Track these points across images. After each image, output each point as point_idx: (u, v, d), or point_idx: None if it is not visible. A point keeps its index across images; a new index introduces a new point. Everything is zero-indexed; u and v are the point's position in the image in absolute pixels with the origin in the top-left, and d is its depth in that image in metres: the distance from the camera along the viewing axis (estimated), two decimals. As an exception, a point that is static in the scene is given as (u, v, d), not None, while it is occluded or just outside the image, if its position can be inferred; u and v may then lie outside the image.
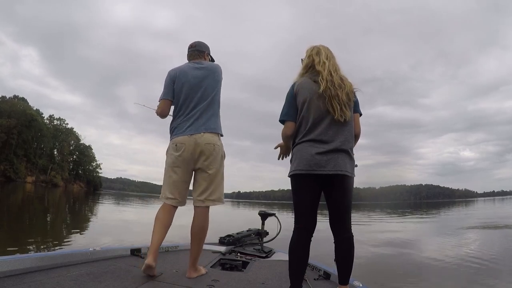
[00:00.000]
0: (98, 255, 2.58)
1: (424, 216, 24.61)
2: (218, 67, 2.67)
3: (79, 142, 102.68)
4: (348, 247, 2.01)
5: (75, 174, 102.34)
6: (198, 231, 2.42)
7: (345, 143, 2.00)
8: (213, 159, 2.45)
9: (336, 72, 2.10)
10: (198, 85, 2.54)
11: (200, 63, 2.65)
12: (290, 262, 2.00)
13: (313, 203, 2.05)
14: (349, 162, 2.01)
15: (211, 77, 2.58)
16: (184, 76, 2.58)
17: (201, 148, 2.42)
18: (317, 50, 2.18)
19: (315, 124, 2.03)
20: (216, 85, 2.60)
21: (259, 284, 2.39)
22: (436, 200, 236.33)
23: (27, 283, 1.82)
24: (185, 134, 2.46)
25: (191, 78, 2.55)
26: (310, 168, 1.97)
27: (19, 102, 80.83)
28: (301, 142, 2.06)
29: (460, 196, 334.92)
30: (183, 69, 2.62)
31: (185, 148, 2.43)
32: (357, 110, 2.17)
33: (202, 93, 2.53)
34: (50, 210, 16.69)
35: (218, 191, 2.50)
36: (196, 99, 2.52)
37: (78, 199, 34.14)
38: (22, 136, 72.00)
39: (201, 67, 2.61)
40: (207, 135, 2.44)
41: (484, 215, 22.02)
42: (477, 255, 6.65)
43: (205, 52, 2.77)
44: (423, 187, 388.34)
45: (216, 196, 2.48)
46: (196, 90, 2.53)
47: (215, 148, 2.46)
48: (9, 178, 67.20)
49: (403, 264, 6.14)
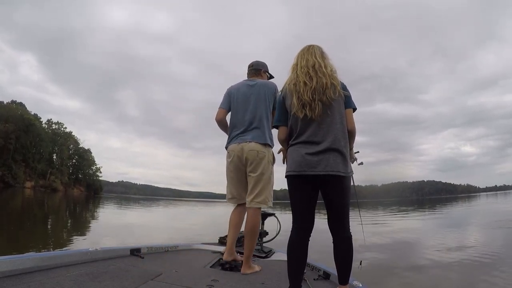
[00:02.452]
0: (98, 255, 2.58)
1: (436, 212, 23.92)
2: (268, 84, 2.96)
3: (78, 146, 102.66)
4: (347, 248, 2.02)
5: (75, 178, 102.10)
6: (247, 230, 2.75)
7: (335, 142, 1.99)
8: (256, 164, 2.76)
9: (314, 69, 2.08)
10: (247, 101, 2.89)
11: (253, 81, 2.99)
12: (288, 262, 2.01)
13: (309, 203, 2.06)
14: (342, 162, 1.98)
15: (259, 93, 2.88)
16: (237, 92, 2.96)
17: (246, 154, 2.77)
18: (301, 51, 2.21)
19: (304, 125, 2.05)
20: (263, 101, 2.87)
21: (259, 284, 2.39)
22: (439, 196, 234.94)
23: (26, 283, 1.82)
24: (235, 143, 2.85)
25: (241, 94, 2.92)
26: (301, 169, 1.99)
27: (17, 107, 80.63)
28: (293, 144, 2.09)
29: (463, 191, 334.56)
30: (238, 86, 3.01)
31: (234, 155, 2.82)
32: (348, 106, 2.13)
33: (250, 108, 2.86)
34: (51, 216, 16.65)
35: (264, 194, 2.79)
36: (244, 113, 2.86)
37: (79, 203, 34.09)
38: (20, 141, 71.85)
39: (252, 84, 2.95)
40: (252, 144, 2.77)
41: (502, 211, 20.75)
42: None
43: (261, 70, 3.11)
44: (425, 183, 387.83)
45: (261, 199, 2.78)
46: (245, 105, 2.88)
47: (259, 154, 2.76)
48: (7, 183, 66.97)
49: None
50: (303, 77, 2.07)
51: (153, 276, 2.26)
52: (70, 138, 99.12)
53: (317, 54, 2.15)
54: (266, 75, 3.15)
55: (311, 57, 2.13)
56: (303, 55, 2.17)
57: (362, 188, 45.33)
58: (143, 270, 2.40)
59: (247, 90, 2.92)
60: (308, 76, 2.07)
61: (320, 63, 2.11)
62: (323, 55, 2.18)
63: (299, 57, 2.19)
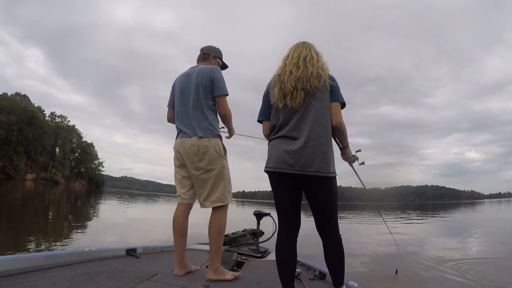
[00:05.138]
0: (94, 255, 2.60)
1: (442, 217, 23.30)
2: (205, 68, 2.57)
3: (81, 139, 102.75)
4: (336, 249, 1.95)
5: (77, 172, 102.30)
6: (211, 231, 2.46)
7: (316, 138, 1.86)
8: (199, 160, 2.44)
9: (305, 60, 2.01)
10: (186, 91, 2.57)
11: (193, 68, 2.66)
12: (277, 266, 1.98)
13: (292, 203, 2.00)
14: (323, 161, 1.84)
15: (196, 80, 2.53)
16: (177, 84, 2.66)
17: (187, 151, 2.46)
18: (295, 44, 2.15)
19: (285, 118, 1.97)
20: (200, 88, 2.51)
21: (255, 284, 2.41)
22: (442, 202, 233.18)
23: (22, 283, 1.84)
24: (178, 138, 2.57)
25: (180, 85, 2.61)
26: (278, 165, 1.90)
27: (21, 99, 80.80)
28: (273, 139, 2.02)
29: (466, 197, 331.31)
30: (179, 77, 2.69)
31: (177, 151, 2.55)
32: (334, 99, 1.99)
33: (189, 98, 2.54)
34: (51, 208, 16.71)
35: (217, 191, 2.47)
36: (184, 105, 2.56)
37: (80, 196, 34.17)
38: (23, 133, 71.98)
39: (191, 73, 2.61)
40: (192, 139, 2.45)
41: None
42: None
43: (211, 55, 2.76)
44: (428, 188, 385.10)
45: (214, 197, 2.47)
46: (183, 96, 2.58)
47: (200, 149, 2.43)
48: (8, 175, 67.12)
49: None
50: (290, 67, 2.00)
51: (149, 276, 2.28)
52: (73, 131, 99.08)
53: (313, 49, 2.09)
54: (217, 61, 2.79)
55: (305, 50, 2.06)
56: (297, 47, 2.10)
57: (365, 191, 44.80)
58: (139, 270, 2.41)
59: (185, 80, 2.60)
60: (296, 66, 1.99)
61: (313, 55, 2.03)
62: (318, 52, 2.11)
63: (292, 48, 2.11)
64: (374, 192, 2.86)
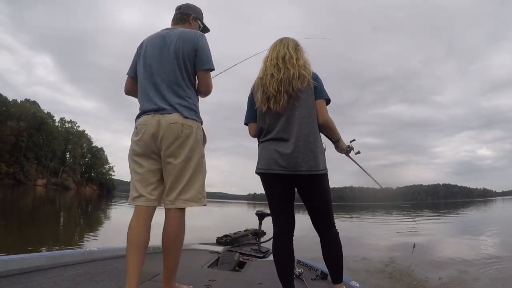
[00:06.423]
0: (95, 255, 2.61)
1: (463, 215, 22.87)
2: (188, 33, 2.00)
3: (91, 144, 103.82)
4: (333, 245, 1.97)
5: (88, 177, 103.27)
6: (169, 240, 1.86)
7: (304, 138, 1.86)
8: (179, 144, 1.85)
9: (284, 60, 1.97)
10: (161, 57, 1.95)
11: (171, 30, 2.06)
12: (276, 267, 1.98)
13: (284, 203, 2.00)
14: (313, 159, 1.84)
15: (177, 46, 1.94)
16: (147, 46, 2.02)
17: (163, 131, 1.83)
18: (274, 43, 2.11)
19: (272, 122, 1.97)
20: (180, 57, 1.94)
21: (257, 284, 2.39)
22: (455, 200, 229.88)
23: (24, 283, 1.84)
24: (148, 114, 1.89)
25: (153, 49, 1.98)
26: (269, 166, 1.91)
27: (30, 105, 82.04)
28: (263, 141, 2.01)
29: (479, 195, 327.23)
30: (150, 38, 2.05)
31: (146, 131, 1.86)
32: (318, 96, 1.97)
33: (166, 66, 1.94)
34: (62, 213, 16.87)
35: (194, 187, 1.89)
36: (159, 74, 1.93)
37: (91, 201, 34.48)
38: (33, 139, 73.22)
39: (169, 35, 2.00)
40: (173, 115, 1.85)
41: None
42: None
43: (191, 16, 2.19)
44: (440, 186, 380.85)
45: (190, 195, 1.88)
46: (159, 63, 1.95)
47: (184, 129, 1.85)
48: (19, 180, 68.05)
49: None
50: (271, 69, 1.98)
51: (151, 276, 2.27)
52: (83, 136, 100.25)
53: (291, 45, 2.03)
54: (198, 23, 2.23)
55: (283, 48, 2.02)
56: (275, 47, 2.06)
57: (378, 191, 44.49)
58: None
59: (159, 43, 1.97)
60: (276, 68, 1.97)
61: (292, 54, 1.99)
62: (297, 47, 2.05)
63: (271, 49, 2.08)
64: (387, 191, 2.80)
